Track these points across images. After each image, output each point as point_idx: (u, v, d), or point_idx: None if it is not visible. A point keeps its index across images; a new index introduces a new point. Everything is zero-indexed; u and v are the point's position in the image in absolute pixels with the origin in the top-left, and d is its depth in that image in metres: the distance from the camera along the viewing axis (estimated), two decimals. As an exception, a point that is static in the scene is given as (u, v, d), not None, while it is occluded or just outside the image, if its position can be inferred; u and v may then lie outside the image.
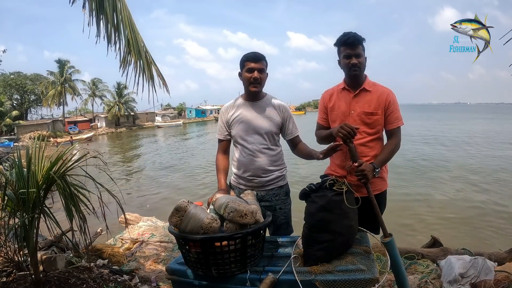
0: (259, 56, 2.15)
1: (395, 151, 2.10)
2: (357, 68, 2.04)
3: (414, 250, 3.08)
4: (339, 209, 1.68)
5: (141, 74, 2.79)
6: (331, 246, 1.65)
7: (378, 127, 2.11)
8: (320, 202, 1.69)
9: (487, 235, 5.92)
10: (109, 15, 2.53)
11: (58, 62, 40.96)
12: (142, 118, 53.60)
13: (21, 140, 31.46)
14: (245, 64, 2.15)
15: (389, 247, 1.75)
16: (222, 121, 2.31)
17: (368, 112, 2.08)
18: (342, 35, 2.05)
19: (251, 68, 2.12)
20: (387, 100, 2.07)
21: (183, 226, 1.59)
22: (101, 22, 2.57)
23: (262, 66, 2.14)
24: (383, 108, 2.07)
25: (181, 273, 1.72)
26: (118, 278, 2.83)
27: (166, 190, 10.91)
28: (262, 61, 2.14)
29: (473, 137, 22.59)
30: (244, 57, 2.18)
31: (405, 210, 7.14)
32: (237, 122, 2.23)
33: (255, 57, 2.14)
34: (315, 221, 1.70)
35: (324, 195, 1.71)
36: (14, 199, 2.26)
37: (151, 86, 2.85)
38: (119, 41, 2.65)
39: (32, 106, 45.04)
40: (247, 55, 2.16)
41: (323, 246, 1.64)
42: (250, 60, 2.13)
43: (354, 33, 2.04)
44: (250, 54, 2.16)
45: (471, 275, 2.30)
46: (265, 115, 2.22)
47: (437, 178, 10.61)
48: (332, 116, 2.23)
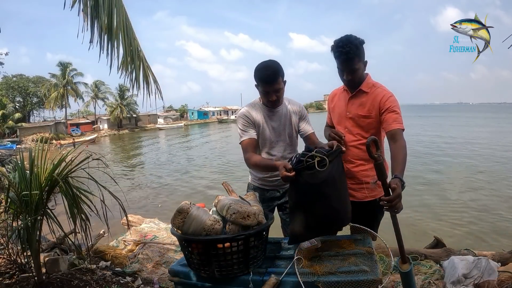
0: (272, 77, 1.98)
1: (406, 155, 1.80)
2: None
3: (417, 251, 3.07)
4: (315, 192, 1.62)
5: (136, 80, 2.79)
6: (312, 224, 1.66)
7: (372, 131, 2.01)
8: (295, 187, 1.69)
9: (490, 235, 5.89)
10: (103, 21, 2.50)
11: (60, 65, 41.14)
12: (144, 120, 53.69)
13: (23, 142, 31.55)
14: (259, 84, 2.04)
15: (406, 277, 1.59)
16: (247, 122, 2.13)
17: (361, 115, 2.01)
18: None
19: (267, 91, 2.02)
20: (382, 101, 1.93)
21: (185, 228, 1.59)
22: (95, 28, 2.54)
23: (279, 86, 2.01)
24: (378, 110, 1.95)
25: (183, 274, 1.72)
26: (121, 279, 2.84)
27: (168, 191, 10.92)
28: (277, 81, 1.99)
29: (476, 138, 22.49)
30: (257, 73, 2.03)
31: (407, 210, 7.12)
32: (261, 128, 2.15)
33: (269, 80, 1.99)
34: (293, 203, 1.73)
35: (297, 180, 1.63)
36: (17, 201, 2.27)
37: (146, 91, 2.88)
38: (113, 47, 2.61)
39: (34, 108, 45.18)
40: (260, 74, 2.01)
41: (304, 224, 1.67)
42: (264, 83, 2.01)
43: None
44: (263, 74, 2.00)
45: (474, 275, 2.29)
46: (287, 121, 2.19)
47: (439, 179, 10.58)
48: (332, 117, 2.24)
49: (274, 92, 2.02)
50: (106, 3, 2.51)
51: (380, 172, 1.50)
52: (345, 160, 2.06)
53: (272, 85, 1.99)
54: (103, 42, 2.57)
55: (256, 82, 2.09)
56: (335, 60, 1.98)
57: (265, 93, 2.03)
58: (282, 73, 2.02)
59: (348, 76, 1.96)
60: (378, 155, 1.50)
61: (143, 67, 2.84)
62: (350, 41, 1.87)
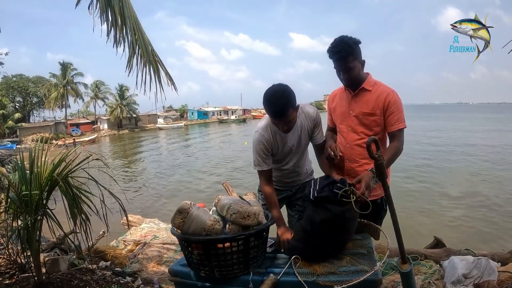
0: (281, 113, 1.83)
1: (397, 156, 1.94)
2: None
3: (417, 251, 3.07)
4: (340, 225, 1.68)
5: (148, 74, 2.76)
6: (316, 250, 1.68)
7: (376, 129, 2.01)
8: (323, 216, 1.67)
9: (490, 235, 5.89)
10: (117, 13, 2.51)
11: (61, 64, 41.14)
12: (144, 120, 53.66)
13: (23, 143, 31.54)
14: (268, 113, 1.91)
15: (406, 277, 1.58)
16: (263, 152, 2.02)
17: (366, 112, 2.00)
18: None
19: (276, 123, 1.92)
20: (387, 100, 1.94)
21: (185, 228, 1.59)
22: (108, 23, 2.55)
23: (288, 119, 1.87)
24: (382, 108, 1.96)
25: (183, 274, 1.72)
26: (121, 279, 2.84)
27: (169, 191, 10.92)
28: (286, 115, 1.83)
29: (476, 139, 22.49)
30: (265, 105, 1.86)
31: (407, 211, 7.12)
32: (277, 149, 2.07)
33: (277, 116, 1.86)
34: (311, 229, 1.71)
35: (328, 210, 1.66)
36: (17, 201, 2.27)
37: (159, 86, 2.83)
38: (125, 41, 2.61)
39: (34, 108, 45.18)
40: (269, 108, 1.85)
41: (309, 247, 1.68)
42: (273, 117, 1.89)
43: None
44: (271, 110, 1.85)
45: (474, 275, 2.29)
46: (302, 133, 2.07)
47: (439, 179, 10.59)
48: (334, 117, 2.22)
49: (284, 124, 1.91)
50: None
51: (380, 172, 1.51)
52: (349, 159, 2.07)
53: (282, 119, 1.87)
54: (118, 36, 2.57)
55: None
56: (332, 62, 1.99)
57: (274, 124, 1.95)
58: (293, 103, 1.85)
59: (344, 75, 1.97)
60: (379, 155, 1.50)
61: (155, 61, 2.81)
62: (343, 41, 1.89)
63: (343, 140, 2.11)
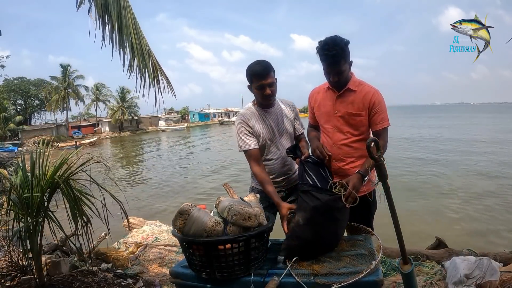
0: (266, 70, 2.02)
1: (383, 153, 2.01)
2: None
3: (419, 252, 3.06)
4: (330, 215, 1.68)
5: (146, 78, 2.77)
6: (310, 245, 1.67)
7: (362, 128, 2.07)
8: (313, 203, 1.68)
9: (492, 235, 5.87)
10: (114, 18, 2.53)
11: (62, 66, 41.28)
12: (145, 122, 53.78)
13: (25, 145, 31.63)
14: (253, 80, 2.06)
15: (407, 278, 1.58)
16: (246, 131, 2.14)
17: (352, 113, 2.04)
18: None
19: (261, 85, 2.03)
20: (372, 100, 2.00)
21: (186, 229, 1.59)
22: (106, 27, 2.57)
23: (272, 80, 2.04)
24: (368, 109, 2.01)
25: (185, 276, 1.72)
26: (122, 282, 2.84)
27: (170, 193, 10.91)
28: (269, 74, 2.02)
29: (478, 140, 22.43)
30: (250, 70, 2.06)
31: (408, 210, 7.10)
32: (261, 130, 2.15)
33: (262, 73, 2.02)
34: (305, 219, 1.71)
35: (318, 198, 1.68)
36: (18, 203, 2.27)
37: (157, 90, 2.84)
38: (122, 46, 2.63)
39: (35, 111, 45.40)
40: (253, 69, 2.05)
41: (302, 242, 1.67)
42: (258, 77, 2.03)
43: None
44: (256, 69, 2.04)
45: (476, 276, 2.29)
46: (283, 117, 2.22)
47: (440, 179, 10.56)
48: (317, 115, 2.23)
49: (268, 86, 2.03)
50: (115, 2, 2.53)
51: (381, 173, 1.51)
52: (335, 159, 2.10)
53: (266, 78, 2.01)
54: (114, 40, 2.59)
55: (249, 82, 2.12)
56: (320, 62, 1.98)
57: (259, 87, 2.04)
58: (273, 69, 2.06)
59: (334, 78, 1.98)
60: (379, 156, 1.50)
61: (152, 65, 2.82)
62: (336, 43, 1.87)
63: (329, 139, 2.14)
